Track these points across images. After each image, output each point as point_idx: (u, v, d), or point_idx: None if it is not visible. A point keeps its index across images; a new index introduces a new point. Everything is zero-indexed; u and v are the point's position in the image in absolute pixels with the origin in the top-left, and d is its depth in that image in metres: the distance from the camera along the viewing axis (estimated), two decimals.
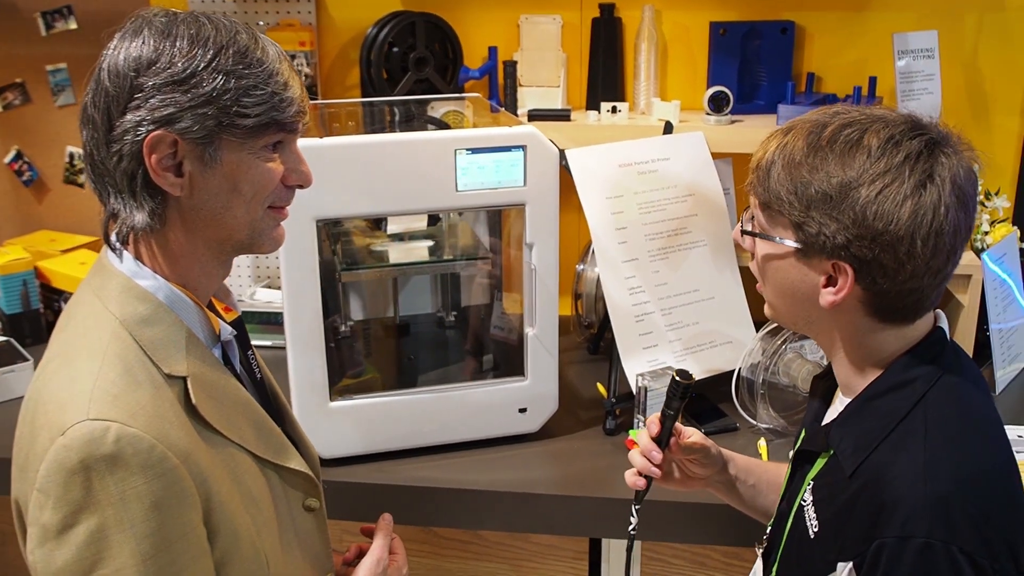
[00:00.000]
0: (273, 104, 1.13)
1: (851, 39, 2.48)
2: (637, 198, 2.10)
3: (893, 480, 1.12)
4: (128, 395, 1.07)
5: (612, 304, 2.05)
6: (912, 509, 1.08)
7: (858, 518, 1.14)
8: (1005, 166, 2.51)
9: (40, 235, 2.75)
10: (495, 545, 2.03)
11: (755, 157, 1.23)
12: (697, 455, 1.46)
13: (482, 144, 1.81)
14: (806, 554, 1.23)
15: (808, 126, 1.18)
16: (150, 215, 1.13)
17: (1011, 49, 2.44)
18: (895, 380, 1.20)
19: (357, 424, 1.92)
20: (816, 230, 1.14)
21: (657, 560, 1.99)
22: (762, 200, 1.21)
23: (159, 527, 1.05)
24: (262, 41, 1.15)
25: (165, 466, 1.06)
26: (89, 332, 1.13)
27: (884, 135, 1.13)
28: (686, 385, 1.39)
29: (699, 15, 2.51)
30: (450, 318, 2.39)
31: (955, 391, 1.19)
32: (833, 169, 1.13)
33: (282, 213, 1.23)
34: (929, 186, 1.11)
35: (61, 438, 1.03)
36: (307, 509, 1.32)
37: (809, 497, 1.26)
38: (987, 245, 2.31)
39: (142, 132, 1.09)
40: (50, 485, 1.03)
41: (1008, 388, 2.28)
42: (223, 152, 1.12)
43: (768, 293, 1.28)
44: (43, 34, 2.66)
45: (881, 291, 1.15)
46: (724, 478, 1.52)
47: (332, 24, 2.60)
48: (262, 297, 2.58)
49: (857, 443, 1.19)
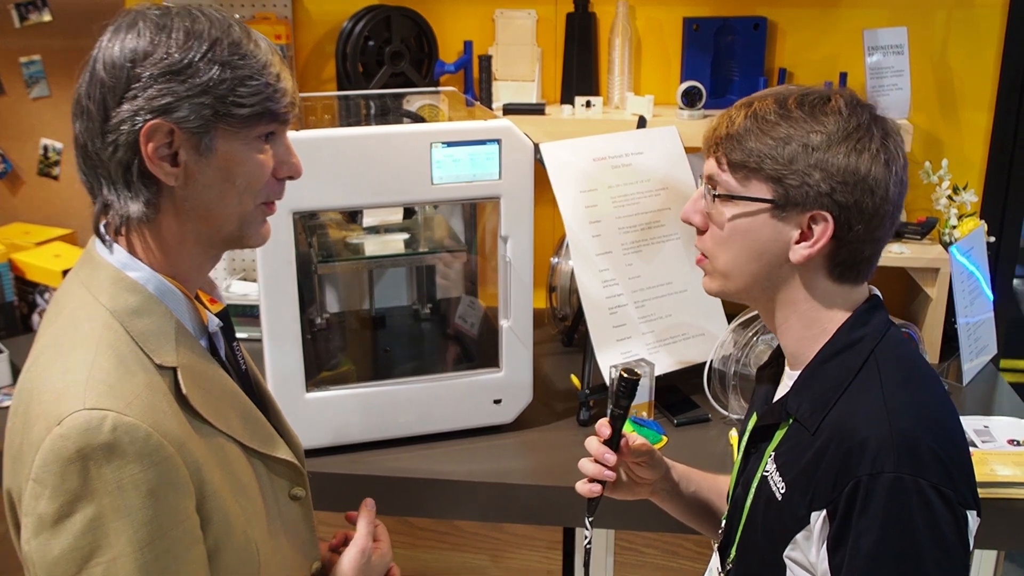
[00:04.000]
0: (268, 95, 1.14)
1: (822, 35, 2.51)
2: (611, 192, 2.12)
3: (857, 425, 1.17)
4: (123, 384, 1.08)
5: (586, 296, 2.07)
6: (880, 447, 1.14)
7: (827, 468, 1.18)
8: (973, 161, 2.55)
9: (14, 227, 2.74)
10: (470, 535, 2.05)
11: (718, 128, 1.28)
12: (644, 457, 1.49)
13: (457, 137, 1.82)
14: (773, 518, 1.27)
15: (770, 96, 1.26)
16: (144, 205, 1.14)
17: (979, 45, 2.47)
18: (843, 342, 1.26)
19: (333, 415, 1.94)
20: (799, 181, 1.20)
21: (630, 549, 2.02)
22: (736, 160, 1.24)
23: (156, 515, 1.06)
24: (254, 35, 1.16)
25: (161, 454, 1.06)
26: (80, 323, 1.13)
27: (845, 98, 1.24)
28: (634, 382, 1.40)
29: (672, 10, 2.53)
30: (425, 311, 2.40)
31: (901, 346, 1.27)
32: (811, 125, 1.21)
33: (271, 209, 1.24)
34: (888, 141, 1.23)
35: (58, 428, 1.03)
36: (293, 498, 1.33)
37: (771, 466, 1.29)
38: (955, 239, 2.34)
39: (139, 121, 1.10)
40: (46, 475, 1.03)
41: (974, 380, 2.32)
42: (218, 142, 1.14)
43: (725, 260, 1.29)
44: (17, 26, 2.64)
45: (849, 242, 1.22)
46: (668, 484, 1.55)
47: (308, 18, 2.61)
48: (237, 290, 2.58)
49: (814, 403, 1.24)
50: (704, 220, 1.31)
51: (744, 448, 1.41)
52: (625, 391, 1.41)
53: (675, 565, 2.01)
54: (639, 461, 1.49)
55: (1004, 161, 2.51)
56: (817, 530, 1.19)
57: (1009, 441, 1.95)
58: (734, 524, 1.40)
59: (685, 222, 1.34)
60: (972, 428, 1.98)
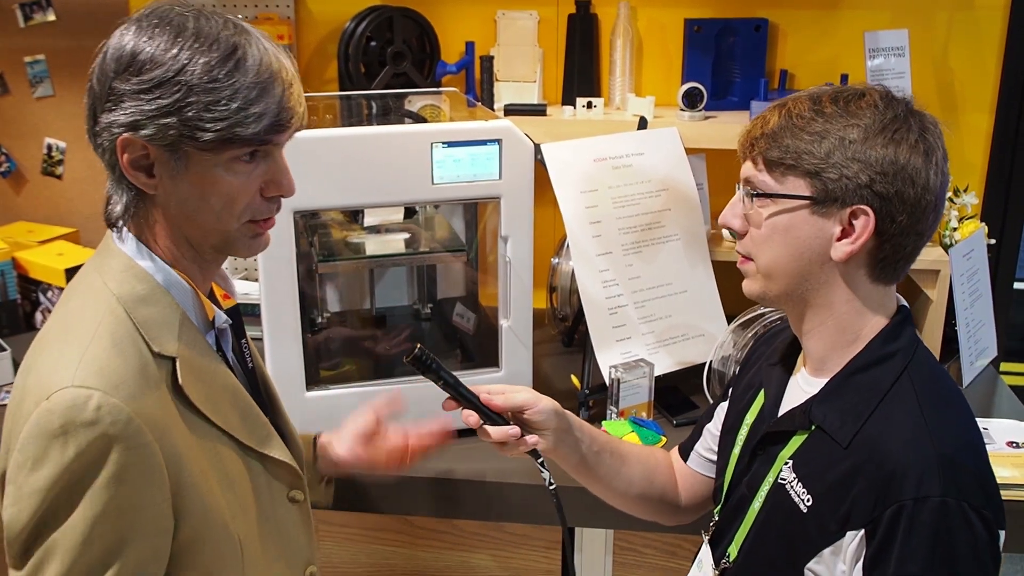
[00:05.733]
0: (236, 120, 1.12)
1: (823, 37, 2.51)
2: (611, 192, 2.13)
3: (898, 448, 1.17)
4: (114, 367, 1.10)
5: (586, 297, 2.07)
6: (924, 471, 1.14)
7: (865, 487, 1.18)
8: (974, 163, 2.55)
9: (18, 226, 2.75)
10: (470, 535, 2.05)
11: (752, 130, 1.28)
12: (528, 410, 1.43)
13: (458, 138, 1.83)
14: (796, 529, 1.27)
15: (804, 96, 1.27)
16: (125, 207, 1.17)
17: (980, 47, 2.48)
18: (877, 354, 1.26)
19: (333, 414, 1.93)
20: (837, 175, 1.20)
21: (628, 549, 2.02)
22: (773, 158, 1.24)
23: (114, 496, 1.08)
24: (249, 46, 1.13)
25: (139, 440, 1.09)
26: (86, 307, 1.16)
27: (878, 93, 1.24)
28: (416, 357, 1.35)
29: (674, 12, 2.53)
30: (426, 310, 2.41)
31: (931, 363, 1.28)
32: (847, 120, 1.22)
33: (262, 227, 1.23)
34: (927, 133, 1.22)
35: (45, 402, 1.07)
36: (291, 501, 1.34)
37: (790, 475, 1.29)
38: (955, 241, 2.34)
39: (115, 133, 1.12)
40: (30, 447, 1.07)
41: (974, 382, 2.32)
42: (189, 162, 1.14)
43: (766, 260, 1.28)
44: (21, 25, 2.65)
45: (892, 236, 1.22)
46: (571, 439, 1.48)
47: (310, 18, 2.62)
48: (239, 289, 2.58)
49: (844, 416, 1.24)
50: (743, 223, 1.31)
51: (750, 447, 1.39)
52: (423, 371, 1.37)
53: (674, 565, 2.01)
54: (527, 415, 1.43)
55: (1005, 163, 2.52)
56: (852, 549, 1.19)
57: (1008, 443, 1.95)
58: (733, 522, 1.39)
59: (724, 227, 1.35)
60: None
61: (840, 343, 1.29)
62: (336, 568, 2.11)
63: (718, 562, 1.42)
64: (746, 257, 1.32)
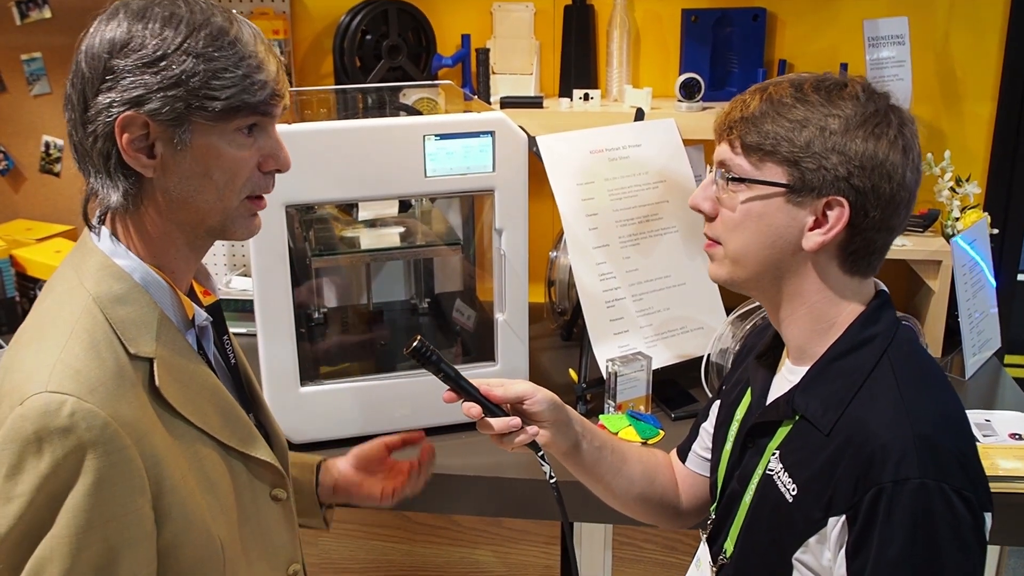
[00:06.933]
0: (244, 87, 1.13)
1: (822, 26, 2.49)
2: (608, 184, 2.11)
3: (876, 429, 1.16)
4: (90, 370, 1.08)
5: (583, 290, 2.06)
6: (903, 453, 1.13)
7: (845, 472, 1.17)
8: (976, 152, 2.52)
9: (16, 224, 2.75)
10: (468, 530, 2.04)
11: (731, 112, 1.26)
12: (527, 401, 1.41)
13: (450, 130, 1.81)
14: (783, 519, 1.25)
15: (785, 81, 1.25)
16: (124, 195, 1.15)
17: (982, 35, 2.45)
18: (855, 339, 1.25)
19: (328, 409, 1.93)
20: (816, 164, 1.19)
21: (629, 544, 2.01)
22: (751, 143, 1.23)
23: (96, 503, 1.06)
24: (237, 23, 1.15)
25: (115, 444, 1.06)
26: (63, 306, 1.14)
27: (860, 86, 1.23)
28: (415, 348, 1.34)
29: (671, 2, 2.51)
30: (423, 305, 2.39)
31: (911, 345, 1.26)
32: (828, 109, 1.20)
33: (259, 204, 1.23)
34: (905, 129, 1.22)
35: (19, 407, 1.05)
36: (274, 499, 1.33)
37: (777, 465, 1.27)
38: (957, 231, 2.32)
39: (114, 113, 1.10)
40: (4, 453, 1.05)
41: (977, 374, 2.30)
42: (194, 136, 1.13)
43: (735, 245, 1.27)
44: (18, 23, 2.65)
45: (863, 230, 1.21)
46: (570, 432, 1.46)
47: (306, 12, 2.61)
48: (237, 285, 2.58)
49: (826, 403, 1.22)
50: (714, 206, 1.29)
51: (740, 441, 1.38)
52: (424, 363, 1.35)
53: (673, 560, 2.00)
54: (526, 405, 1.41)
55: (1007, 152, 2.49)
56: (835, 535, 1.18)
57: (1011, 435, 1.93)
58: (727, 518, 1.38)
59: (694, 209, 1.32)
60: (974, 422, 1.96)
61: (816, 331, 1.27)
62: (335, 564, 2.10)
63: (715, 558, 1.40)
64: (714, 241, 1.31)
